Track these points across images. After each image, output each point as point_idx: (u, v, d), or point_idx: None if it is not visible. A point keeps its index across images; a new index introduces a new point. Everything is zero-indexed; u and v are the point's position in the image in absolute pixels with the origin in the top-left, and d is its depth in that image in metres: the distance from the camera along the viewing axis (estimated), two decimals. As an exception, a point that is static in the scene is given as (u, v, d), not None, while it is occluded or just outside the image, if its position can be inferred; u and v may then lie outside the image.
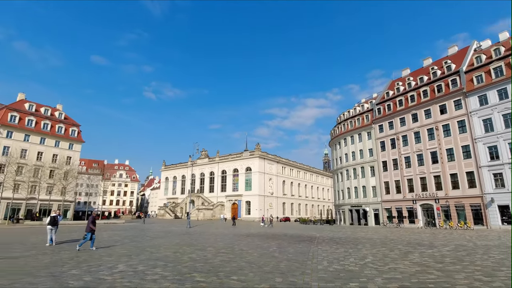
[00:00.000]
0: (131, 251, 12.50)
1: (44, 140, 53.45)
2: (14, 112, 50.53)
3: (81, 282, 6.81)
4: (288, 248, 14.45)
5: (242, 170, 71.68)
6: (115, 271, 8.09)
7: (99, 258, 10.59)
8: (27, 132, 51.33)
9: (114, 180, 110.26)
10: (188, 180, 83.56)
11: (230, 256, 11.20)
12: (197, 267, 8.86)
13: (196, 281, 6.94)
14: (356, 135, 51.83)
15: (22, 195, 46.89)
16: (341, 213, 54.38)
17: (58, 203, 51.98)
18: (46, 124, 54.25)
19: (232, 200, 71.34)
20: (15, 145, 48.97)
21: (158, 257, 10.89)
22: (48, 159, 52.92)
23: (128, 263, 9.43)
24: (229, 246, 14.98)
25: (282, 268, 8.90)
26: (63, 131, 56.68)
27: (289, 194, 78.73)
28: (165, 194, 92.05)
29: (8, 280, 6.98)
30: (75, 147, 58.25)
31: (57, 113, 58.46)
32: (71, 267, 8.76)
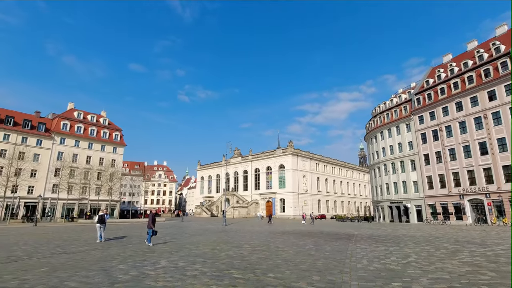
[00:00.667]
0: (171, 248, 13.11)
1: (91, 145, 57.98)
2: (65, 120, 55.49)
3: (128, 276, 7.30)
4: (325, 246, 14.20)
5: (275, 168, 71.65)
6: (158, 267, 8.56)
7: (143, 254, 11.25)
8: (77, 138, 56.06)
9: (154, 180, 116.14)
10: (222, 179, 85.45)
11: (266, 254, 11.29)
12: (234, 264, 9.07)
13: (234, 278, 7.11)
14: (394, 128, 49.28)
15: (75, 196, 51.29)
16: (379, 209, 52.17)
17: (106, 203, 56.02)
18: (93, 130, 58.79)
19: (266, 198, 71.65)
20: (67, 150, 53.72)
21: (197, 253, 11.31)
22: (95, 162, 57.28)
23: (170, 259, 9.91)
24: (264, 243, 15.10)
25: (319, 266, 8.79)
26: (107, 136, 61.00)
27: (324, 191, 77.17)
28: (201, 193, 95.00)
29: (67, 273, 7.70)
30: (118, 151, 62.35)
31: (101, 119, 63.03)
32: (119, 262, 9.42)
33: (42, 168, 50.82)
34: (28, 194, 48.48)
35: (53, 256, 10.79)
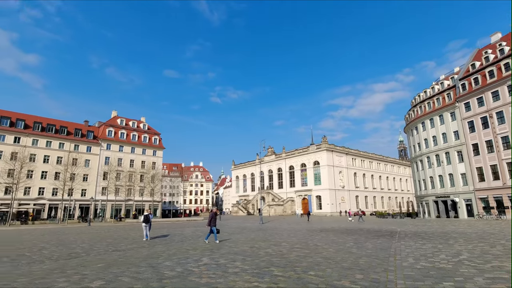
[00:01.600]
0: (212, 246, 13.55)
1: (134, 149, 61.79)
2: (110, 127, 59.81)
3: (174, 272, 7.71)
4: (366, 243, 13.76)
5: (310, 165, 70.63)
6: (200, 264, 8.92)
7: (186, 251, 11.78)
8: (120, 143, 60.13)
9: (191, 181, 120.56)
10: (257, 177, 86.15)
11: (305, 252, 11.23)
12: (274, 261, 9.15)
13: (274, 275, 7.18)
14: (437, 117, 46.05)
15: (121, 197, 55.07)
16: (424, 205, 49.14)
17: (149, 203, 59.35)
18: (134, 135, 62.66)
19: (302, 195, 70.95)
20: (113, 155, 57.85)
21: (237, 251, 11.58)
22: (138, 166, 60.98)
23: (211, 257, 10.27)
24: (303, 241, 15.01)
25: (361, 264, 8.55)
26: (147, 140, 64.60)
27: (362, 186, 74.49)
28: (236, 192, 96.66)
29: (120, 269, 8.34)
30: (158, 153, 65.73)
31: (141, 124, 66.89)
32: (165, 259, 9.97)
33: (92, 173, 55.23)
34: (82, 197, 52.95)
35: (106, 253, 11.71)
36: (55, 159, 51.50)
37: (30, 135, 50.01)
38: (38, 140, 50.73)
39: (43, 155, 50.75)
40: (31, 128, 50.70)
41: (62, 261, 9.96)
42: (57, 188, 48.82)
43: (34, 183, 48.65)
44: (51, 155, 51.54)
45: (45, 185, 49.90)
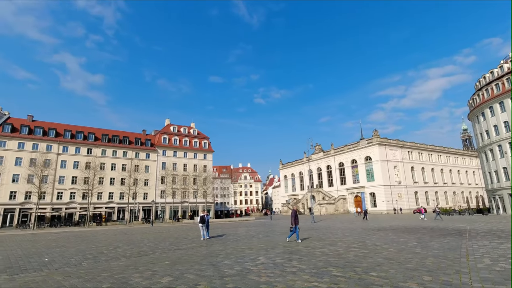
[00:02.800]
0: (267, 245, 13.78)
1: (186, 154, 65.66)
2: (164, 135, 64.48)
3: (233, 271, 8.05)
4: (431, 243, 12.73)
5: (361, 160, 67.45)
6: (258, 263, 9.16)
7: (242, 250, 12.17)
8: (174, 149, 64.39)
9: (241, 182, 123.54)
10: (305, 176, 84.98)
11: (363, 251, 10.81)
12: (331, 261, 8.99)
13: (334, 276, 7.07)
14: (508, 100, 40.53)
15: (178, 199, 58.85)
16: (497, 199, 43.56)
17: (203, 205, 62.38)
18: (186, 140, 66.60)
19: (354, 192, 68.06)
20: (168, 160, 62.23)
21: (292, 251, 11.61)
22: (191, 169, 64.59)
23: (267, 256, 10.47)
24: (359, 240, 14.45)
25: (428, 265, 7.97)
26: (197, 144, 68.12)
27: (421, 181, 68.78)
28: (285, 191, 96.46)
29: (184, 266, 8.97)
30: (208, 157, 68.84)
31: (191, 130, 70.82)
32: (223, 258, 10.43)
33: (151, 177, 60.01)
34: (144, 200, 57.85)
35: (170, 252, 12.66)
36: (120, 166, 57.16)
37: (100, 146, 56.27)
38: (106, 150, 56.88)
39: (111, 163, 56.69)
40: (100, 140, 57.09)
41: (134, 259, 11.05)
42: (124, 192, 54.10)
43: (104, 189, 54.56)
44: (117, 163, 57.32)
45: (114, 190, 55.64)
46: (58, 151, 52.41)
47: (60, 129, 54.69)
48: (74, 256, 12.35)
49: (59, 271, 8.91)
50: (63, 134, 54.16)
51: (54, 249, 15.09)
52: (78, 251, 14.10)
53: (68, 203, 51.41)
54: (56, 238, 23.42)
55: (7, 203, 46.89)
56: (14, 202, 47.39)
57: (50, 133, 52.81)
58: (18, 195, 47.73)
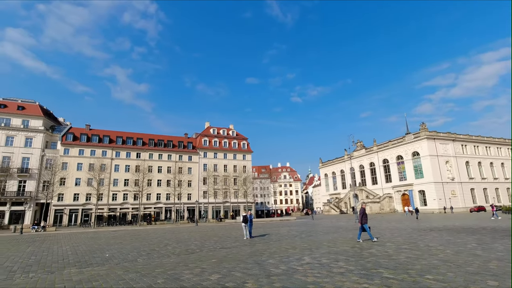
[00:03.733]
0: (310, 245, 13.62)
1: (226, 155, 67.42)
2: (205, 137, 66.96)
3: (279, 270, 8.10)
4: (494, 244, 11.56)
5: (408, 156, 63.37)
6: (303, 263, 9.10)
7: (286, 250, 12.17)
8: (214, 151, 66.53)
9: (280, 181, 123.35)
10: (347, 174, 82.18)
11: (416, 253, 10.18)
12: (381, 263, 8.61)
13: (385, 277, 6.77)
14: None
15: (219, 199, 60.64)
16: None
17: (243, 205, 63.48)
18: (225, 142, 68.43)
19: (401, 190, 64.17)
20: (209, 162, 64.48)
21: (337, 251, 11.34)
22: (231, 170, 66.17)
23: (312, 256, 10.35)
24: (410, 241, 13.61)
25: (492, 269, 7.26)
26: (236, 145, 69.56)
27: (478, 177, 62.60)
28: (326, 190, 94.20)
29: (231, 264, 9.24)
30: (247, 157, 69.93)
31: (230, 132, 72.54)
32: (267, 257, 10.54)
33: (194, 179, 62.62)
34: (188, 200, 60.56)
35: (215, 250, 13.12)
36: (165, 169, 60.56)
37: (147, 151, 60.21)
38: (152, 154, 60.69)
39: (157, 166, 60.35)
40: (147, 145, 61.12)
41: (183, 256, 11.65)
42: (170, 193, 57.24)
43: (153, 190, 58.20)
44: (163, 165, 60.81)
45: (161, 191, 59.11)
46: (112, 156, 57.13)
47: (113, 136, 59.59)
48: (130, 252, 13.37)
49: (118, 266, 9.73)
50: (115, 140, 58.94)
51: (113, 246, 16.49)
52: (133, 248, 15.23)
53: (121, 204, 55.77)
54: (114, 236, 25.55)
55: (72, 204, 52.27)
56: (77, 203, 52.67)
57: (104, 140, 57.84)
58: (80, 197, 52.99)
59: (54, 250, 15.53)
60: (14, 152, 49.90)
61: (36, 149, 51.61)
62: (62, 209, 51.61)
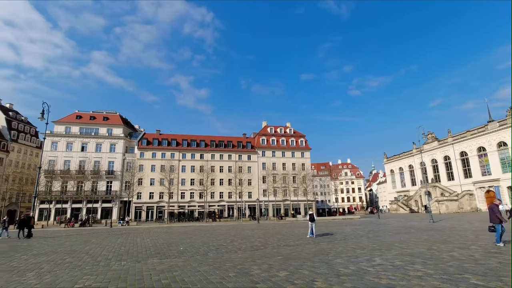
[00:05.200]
0: (379, 246, 12.88)
1: (284, 153, 67.65)
2: (262, 136, 68.26)
3: (348, 270, 7.87)
4: None
5: (492, 147, 55.01)
6: (374, 264, 8.67)
7: (353, 250, 11.74)
8: (272, 149, 67.34)
9: (341, 179, 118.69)
10: (417, 169, 75.02)
11: (509, 258, 8.85)
12: (466, 267, 7.73)
13: (473, 284, 6.07)
14: None
15: (279, 197, 61.12)
16: None
17: (303, 203, 62.85)
18: (283, 140, 68.70)
19: (485, 187, 56.02)
20: (268, 161, 65.51)
21: (411, 253, 10.52)
22: (289, 168, 66.18)
23: (383, 257, 9.79)
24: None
25: None
26: (294, 143, 69.24)
27: None
28: (393, 187, 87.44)
29: (297, 262, 9.31)
30: (305, 155, 69.03)
31: (287, 129, 72.59)
32: (334, 256, 10.31)
33: (254, 177, 64.28)
34: (249, 198, 62.44)
35: (280, 247, 13.32)
36: (227, 168, 63.46)
37: (209, 152, 63.97)
38: (214, 154, 64.23)
39: (219, 166, 63.64)
40: (209, 146, 64.95)
41: (249, 252, 12.11)
42: (231, 192, 59.81)
43: (216, 189, 61.56)
44: (224, 165, 63.86)
45: (223, 190, 62.15)
46: (179, 158, 62.14)
47: (179, 139, 64.79)
48: (201, 247, 14.43)
49: (192, 259, 10.61)
50: (181, 143, 64.00)
51: (185, 240, 17.98)
52: (203, 242, 16.38)
53: (189, 202, 60.26)
54: (184, 231, 27.79)
55: (148, 201, 58.44)
56: (152, 201, 58.66)
57: (172, 143, 63.29)
58: (154, 195, 58.92)
59: (138, 242, 17.61)
60: (102, 157, 57.93)
61: (118, 153, 59.05)
62: (140, 206, 58.08)
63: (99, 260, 10.75)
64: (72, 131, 58.58)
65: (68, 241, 19.04)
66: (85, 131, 59.24)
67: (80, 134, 58.51)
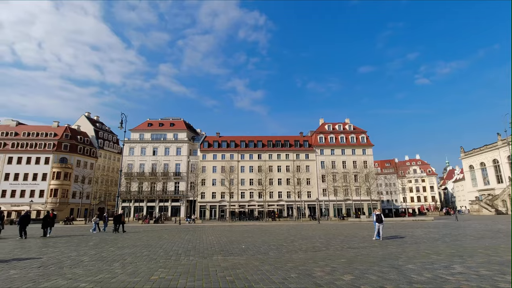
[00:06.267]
0: (460, 251, 11.44)
1: (343, 150, 64.95)
2: (320, 134, 66.65)
3: (423, 277, 7.15)
4: None
5: None
6: (453, 272, 7.73)
7: (427, 255, 10.64)
8: (331, 147, 65.25)
9: (409, 176, 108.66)
10: (504, 164, 64.68)
11: None
12: None
13: None
14: None
15: (340, 197, 58.79)
16: None
17: (367, 203, 59.31)
18: (342, 137, 66.00)
19: None
20: (326, 159, 63.77)
21: (501, 261, 9.08)
22: (350, 166, 63.22)
23: (464, 265, 8.66)
24: None
25: None
26: (354, 140, 65.89)
27: None
28: (473, 185, 76.82)
29: (363, 266, 8.81)
30: (367, 152, 65.09)
31: (347, 126, 69.48)
32: (405, 261, 9.46)
33: (312, 177, 63.07)
34: (308, 198, 61.49)
35: (343, 249, 12.78)
36: (284, 168, 63.54)
37: (266, 152, 64.92)
38: (271, 154, 64.93)
39: (276, 165, 64.10)
40: (266, 146, 65.93)
41: (310, 253, 11.90)
42: (290, 191, 59.64)
43: (274, 189, 62.10)
44: (281, 165, 64.07)
45: (282, 190, 62.36)
46: (238, 159, 64.39)
47: (238, 141, 67.15)
48: (261, 246, 14.68)
49: (254, 257, 10.86)
50: (239, 144, 66.23)
51: (246, 239, 18.52)
52: (264, 242, 16.64)
53: (248, 201, 61.95)
54: (245, 229, 28.65)
55: (211, 201, 61.89)
56: (214, 200, 61.91)
57: (231, 144, 65.94)
58: (216, 195, 62.14)
59: (203, 239, 18.75)
60: (170, 160, 63.38)
61: (183, 156, 63.88)
62: (204, 205, 61.81)
63: (171, 255, 11.75)
64: (145, 137, 65.37)
65: (145, 236, 21.26)
66: (155, 137, 65.56)
67: (152, 139, 64.97)
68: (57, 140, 65.41)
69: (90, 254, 12.05)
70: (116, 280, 7.28)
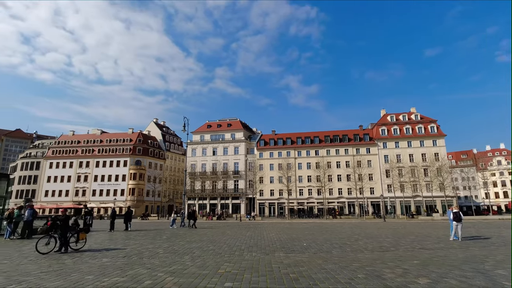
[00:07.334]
0: None
1: (410, 143, 59.57)
2: (382, 126, 62.30)
3: (518, 286, 6.17)
4: None
5: None
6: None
7: None
8: (395, 140, 60.47)
9: (492, 169, 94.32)
10: None
11: None
12: None
13: None
14: None
15: (408, 193, 54.07)
16: None
17: (440, 199, 53.41)
18: (407, 128, 60.61)
19: None
20: (390, 152, 59.23)
21: None
22: (418, 159, 57.69)
23: None
24: None
25: None
26: (422, 130, 59.91)
27: None
28: None
29: (440, 269, 7.97)
30: (439, 143, 58.59)
31: (413, 116, 63.56)
32: (493, 266, 8.28)
33: (375, 172, 59.28)
34: (371, 195, 58.04)
35: (414, 250, 11.74)
36: (344, 163, 61.02)
37: (324, 147, 63.19)
38: (329, 150, 62.98)
39: (335, 161, 61.94)
40: (323, 142, 64.14)
41: (377, 253, 11.20)
42: (351, 188, 57.00)
43: (334, 185, 60.11)
44: (341, 160, 61.65)
45: (342, 186, 60.02)
46: (295, 156, 64.01)
47: (294, 138, 66.74)
48: (323, 244, 14.34)
49: (316, 256, 10.66)
50: (296, 141, 65.71)
51: (307, 236, 18.31)
52: (325, 239, 16.24)
53: (307, 198, 61.08)
54: (305, 227, 28.32)
55: (269, 198, 62.76)
56: (273, 198, 62.60)
57: (287, 142, 65.87)
58: (274, 192, 62.77)
59: (264, 235, 19.11)
60: (228, 159, 66.14)
61: (241, 155, 66.01)
62: (263, 202, 62.96)
63: (234, 250, 12.26)
64: (205, 139, 69.39)
65: (209, 232, 22.59)
66: (214, 138, 69.11)
67: (211, 140, 68.66)
68: (133, 145, 73.70)
69: (164, 247, 13.28)
70: (187, 271, 7.89)
